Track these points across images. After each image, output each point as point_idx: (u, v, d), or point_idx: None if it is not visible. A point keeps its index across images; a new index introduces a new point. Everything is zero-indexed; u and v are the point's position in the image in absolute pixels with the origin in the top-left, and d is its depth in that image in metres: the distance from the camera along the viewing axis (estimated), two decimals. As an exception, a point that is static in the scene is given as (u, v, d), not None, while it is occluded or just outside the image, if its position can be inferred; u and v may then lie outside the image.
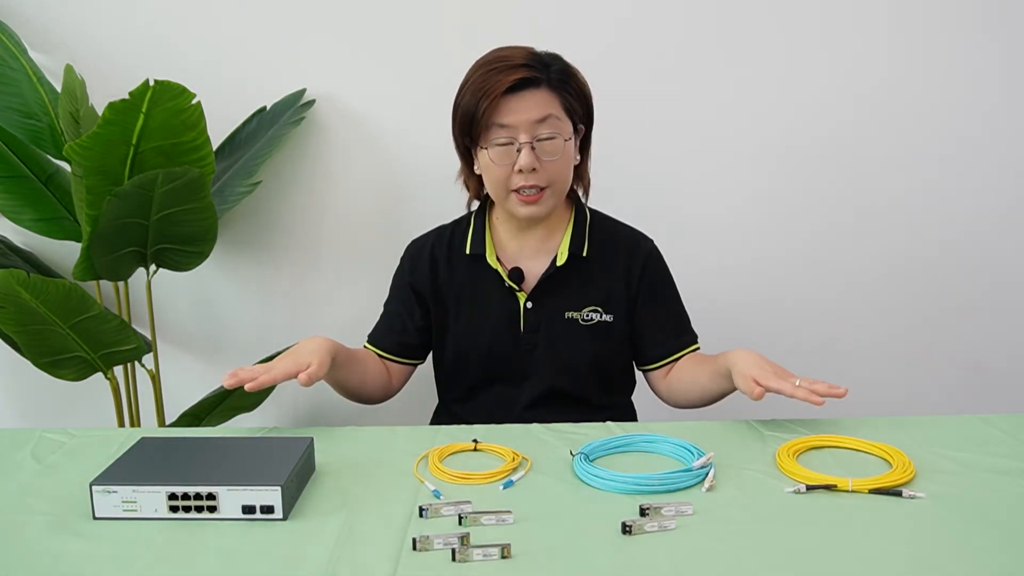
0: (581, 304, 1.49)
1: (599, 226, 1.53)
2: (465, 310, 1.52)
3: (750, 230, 2.16)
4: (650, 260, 1.52)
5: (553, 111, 1.38)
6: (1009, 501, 1.03)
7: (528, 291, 1.49)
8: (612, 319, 1.50)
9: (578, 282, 1.49)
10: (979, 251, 2.18)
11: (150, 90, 1.58)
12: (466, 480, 1.12)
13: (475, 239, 1.51)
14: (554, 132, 1.38)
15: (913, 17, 2.04)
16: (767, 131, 2.10)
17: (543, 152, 1.38)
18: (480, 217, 1.54)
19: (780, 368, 1.30)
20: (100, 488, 1.01)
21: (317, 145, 2.12)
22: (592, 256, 1.49)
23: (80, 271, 1.80)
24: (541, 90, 1.38)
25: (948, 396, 2.24)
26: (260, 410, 2.12)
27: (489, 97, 1.36)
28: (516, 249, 1.51)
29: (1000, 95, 2.08)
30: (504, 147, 1.38)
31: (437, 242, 1.55)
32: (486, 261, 1.49)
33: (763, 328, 2.22)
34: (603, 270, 1.50)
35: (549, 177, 1.40)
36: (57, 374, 1.86)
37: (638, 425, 1.33)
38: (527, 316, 1.49)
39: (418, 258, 1.55)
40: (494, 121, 1.37)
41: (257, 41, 2.06)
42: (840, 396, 1.22)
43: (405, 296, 1.56)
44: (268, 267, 2.21)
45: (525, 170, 1.37)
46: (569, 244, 1.48)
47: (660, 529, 0.97)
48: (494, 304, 1.50)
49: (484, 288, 1.51)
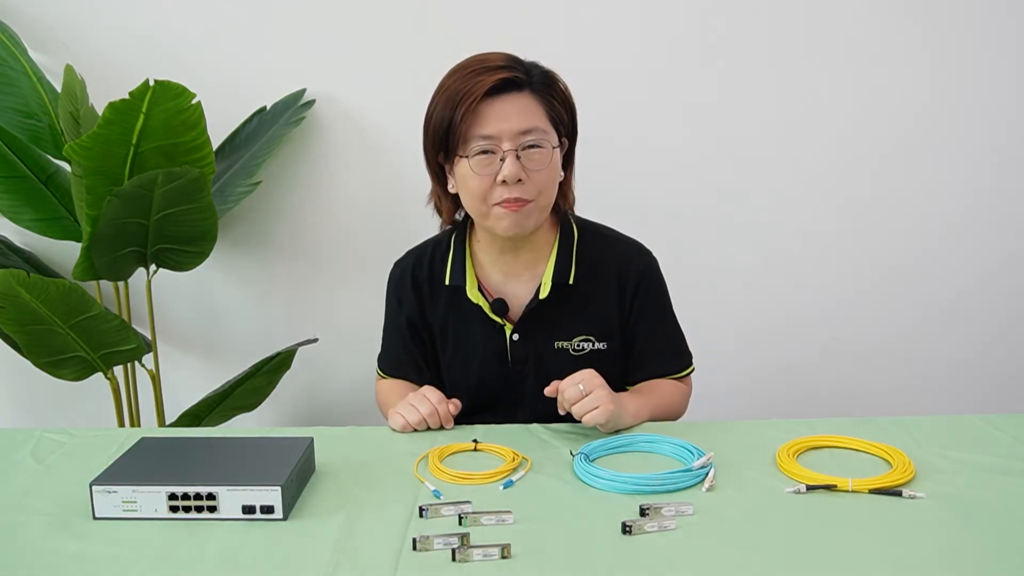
0: (570, 334, 1.38)
1: (589, 244, 1.40)
2: (451, 343, 1.44)
3: (750, 230, 2.16)
4: (644, 279, 1.40)
5: (538, 121, 1.27)
6: (1009, 501, 1.03)
7: (514, 321, 1.39)
8: (606, 347, 1.39)
9: (566, 311, 1.38)
10: (980, 251, 2.18)
11: (150, 90, 1.58)
12: (466, 480, 1.12)
13: (455, 269, 1.39)
14: (540, 141, 1.27)
15: (917, 17, 2.04)
16: (767, 132, 2.10)
17: (529, 162, 1.26)
18: (460, 243, 1.41)
19: (596, 394, 1.22)
20: (100, 488, 1.01)
21: (317, 145, 2.12)
22: (580, 281, 1.37)
23: (80, 271, 1.80)
24: (524, 94, 1.28)
25: (948, 396, 2.24)
26: (260, 410, 2.11)
27: (467, 101, 1.24)
28: (499, 276, 1.40)
29: (999, 94, 2.08)
30: (485, 155, 1.26)
31: (417, 268, 1.44)
32: (467, 294, 1.38)
33: (763, 328, 2.22)
34: (594, 295, 1.39)
35: (536, 189, 1.27)
36: (57, 374, 1.86)
37: (637, 425, 1.33)
38: (514, 348, 1.39)
39: (402, 288, 1.45)
40: (475, 132, 1.25)
41: (257, 41, 2.06)
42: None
43: (399, 320, 1.47)
44: (268, 267, 2.21)
45: (510, 181, 1.25)
46: (553, 273, 1.36)
47: (660, 529, 0.97)
48: (479, 338, 1.40)
49: (467, 321, 1.41)
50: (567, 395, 1.23)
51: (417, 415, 1.29)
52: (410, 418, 1.29)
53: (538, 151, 1.27)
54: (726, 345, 2.21)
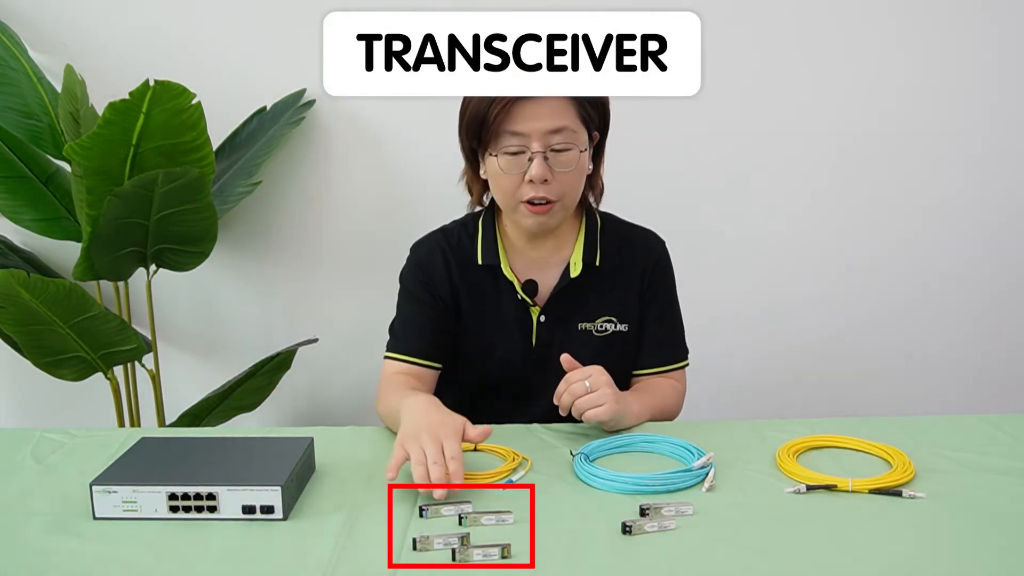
0: (595, 315, 1.43)
1: (611, 232, 1.46)
2: (475, 324, 1.44)
3: (750, 230, 2.16)
4: (659, 266, 1.46)
5: (569, 121, 1.31)
6: (1009, 501, 1.03)
7: (541, 304, 1.43)
8: (627, 328, 1.44)
9: (592, 293, 1.43)
10: (980, 251, 2.18)
11: (150, 90, 1.58)
12: (466, 480, 1.11)
13: (486, 248, 1.43)
14: (569, 143, 1.31)
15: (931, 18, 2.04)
16: (769, 132, 2.10)
17: (556, 163, 1.31)
18: (489, 224, 1.45)
19: (602, 390, 1.22)
20: (100, 488, 1.01)
21: (317, 145, 2.12)
22: (605, 265, 1.43)
23: (80, 271, 1.80)
24: (557, 97, 1.32)
25: (948, 396, 2.24)
26: (260, 410, 2.12)
27: (502, 100, 1.29)
28: (528, 259, 1.44)
29: (1000, 94, 2.08)
30: (515, 156, 1.30)
31: (446, 246, 1.45)
32: (500, 271, 1.42)
33: (764, 328, 2.22)
34: (616, 278, 1.44)
35: (561, 190, 1.32)
36: (57, 374, 1.86)
37: (638, 425, 1.33)
38: (539, 330, 1.43)
39: (430, 263, 1.45)
40: (506, 128, 1.30)
41: (257, 41, 2.06)
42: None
43: (423, 297, 1.44)
44: (268, 267, 2.21)
45: (536, 181, 1.30)
46: (582, 255, 1.41)
47: (660, 529, 0.97)
48: (506, 316, 1.43)
49: (496, 299, 1.43)
50: (573, 388, 1.22)
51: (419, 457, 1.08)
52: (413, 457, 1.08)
53: (566, 154, 1.31)
54: (727, 345, 2.21)
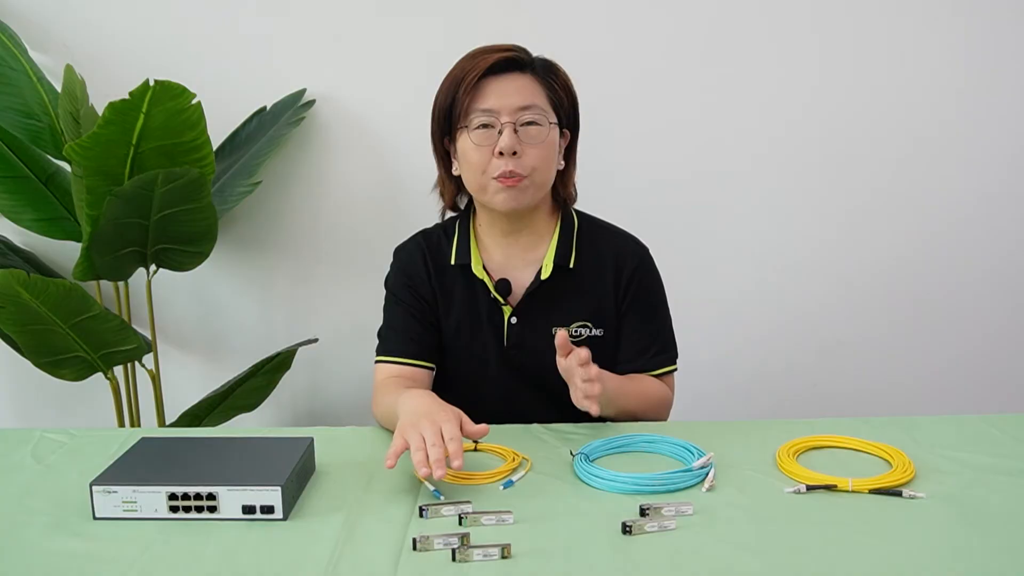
0: (569, 319, 1.41)
1: (588, 233, 1.44)
2: (453, 322, 1.44)
3: (750, 230, 2.16)
4: (639, 269, 1.43)
5: (537, 100, 1.32)
6: (1009, 501, 1.03)
7: (513, 305, 1.41)
8: (603, 333, 1.42)
9: (565, 296, 1.41)
10: (980, 251, 2.18)
11: (150, 90, 1.58)
12: (466, 480, 1.11)
13: (460, 249, 1.43)
14: (538, 118, 1.31)
15: (907, 15, 2.04)
16: (767, 130, 2.10)
17: (526, 136, 1.31)
18: (464, 225, 1.45)
19: (598, 382, 1.20)
20: (100, 488, 1.01)
21: (317, 145, 2.12)
22: (580, 267, 1.41)
23: (80, 271, 1.80)
24: (525, 75, 1.33)
25: (948, 396, 2.24)
26: (260, 410, 2.12)
27: (470, 77, 1.30)
28: (502, 259, 1.43)
29: (1000, 94, 2.08)
30: (485, 129, 1.31)
31: (426, 248, 1.46)
32: (472, 271, 1.41)
33: (763, 328, 2.22)
34: (592, 282, 1.42)
35: (531, 164, 1.31)
36: (57, 374, 1.86)
37: (638, 425, 1.33)
38: (511, 331, 1.41)
39: (411, 265, 1.46)
40: (476, 106, 1.31)
41: (257, 41, 2.06)
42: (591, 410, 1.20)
43: (408, 299, 1.45)
44: (268, 267, 2.21)
45: (506, 152, 1.29)
46: (555, 255, 1.39)
47: (660, 529, 0.97)
48: (480, 317, 1.42)
49: (471, 299, 1.43)
50: (583, 354, 1.19)
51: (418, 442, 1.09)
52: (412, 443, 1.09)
53: (536, 128, 1.32)
54: (726, 345, 2.21)
